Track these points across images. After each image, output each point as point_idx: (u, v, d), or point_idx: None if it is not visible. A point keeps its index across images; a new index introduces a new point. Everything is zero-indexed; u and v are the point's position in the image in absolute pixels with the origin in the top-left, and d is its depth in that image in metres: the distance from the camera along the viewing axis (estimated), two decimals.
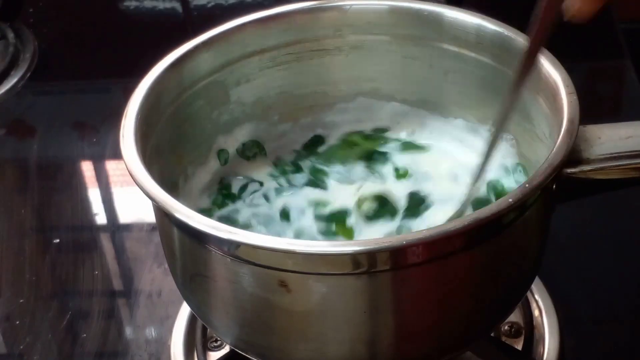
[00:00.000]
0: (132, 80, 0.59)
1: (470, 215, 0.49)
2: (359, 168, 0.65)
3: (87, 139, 0.88)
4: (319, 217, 0.62)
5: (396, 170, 0.65)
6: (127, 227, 0.79)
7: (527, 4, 1.03)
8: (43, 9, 1.06)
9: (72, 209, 0.80)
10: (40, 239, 0.79)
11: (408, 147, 0.66)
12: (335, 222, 0.61)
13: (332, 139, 0.68)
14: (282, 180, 0.65)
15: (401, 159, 0.66)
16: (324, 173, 0.65)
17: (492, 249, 0.52)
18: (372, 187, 0.63)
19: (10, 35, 1.00)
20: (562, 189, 0.55)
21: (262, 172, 0.66)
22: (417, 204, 0.62)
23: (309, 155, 0.66)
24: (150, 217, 0.58)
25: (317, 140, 0.67)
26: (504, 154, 0.64)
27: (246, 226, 0.61)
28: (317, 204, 0.63)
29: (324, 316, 0.52)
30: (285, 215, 0.62)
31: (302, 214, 0.62)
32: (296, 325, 0.53)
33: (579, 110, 0.54)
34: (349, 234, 0.60)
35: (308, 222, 0.61)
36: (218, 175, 0.65)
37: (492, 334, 0.64)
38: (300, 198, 0.63)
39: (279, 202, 0.63)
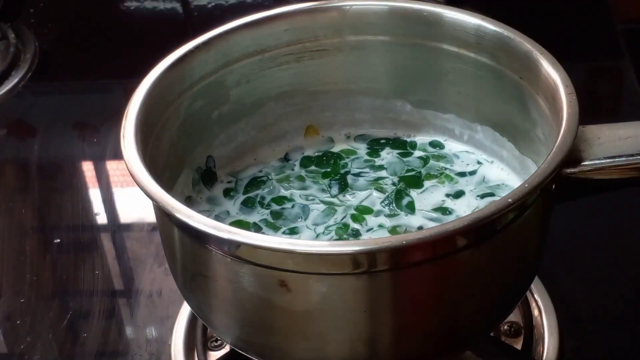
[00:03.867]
0: (132, 81, 0.60)
1: (470, 215, 0.49)
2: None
3: (88, 139, 0.89)
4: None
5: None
6: (128, 227, 0.79)
7: (527, 4, 1.04)
8: (44, 10, 1.07)
9: (72, 209, 0.80)
10: (41, 239, 0.79)
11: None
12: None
13: (333, 140, 0.68)
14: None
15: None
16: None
17: (491, 249, 0.52)
18: None
19: (11, 35, 1.00)
20: (561, 189, 0.55)
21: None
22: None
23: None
24: (150, 217, 0.59)
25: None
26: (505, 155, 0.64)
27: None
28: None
29: (324, 316, 0.52)
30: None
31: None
32: (296, 325, 0.53)
33: (578, 111, 0.54)
34: None
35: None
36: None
37: (491, 334, 0.64)
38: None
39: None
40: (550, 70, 0.57)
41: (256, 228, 0.61)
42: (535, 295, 0.67)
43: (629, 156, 0.55)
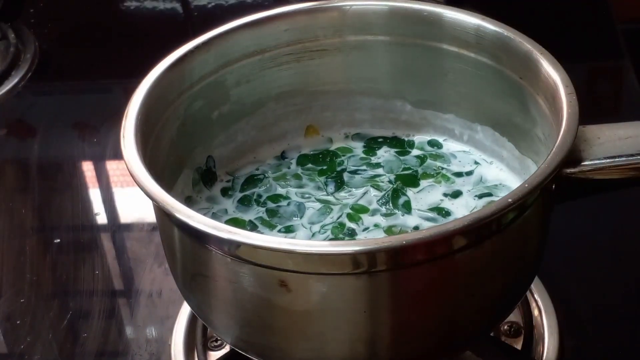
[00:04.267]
0: (132, 81, 0.60)
1: (470, 215, 0.49)
2: None
3: (88, 139, 0.89)
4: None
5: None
6: (128, 227, 0.79)
7: (527, 4, 1.04)
8: (44, 10, 1.07)
9: (72, 209, 0.80)
10: (41, 239, 0.79)
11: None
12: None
13: (333, 139, 0.68)
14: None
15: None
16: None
17: (491, 249, 0.52)
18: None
19: (11, 35, 1.00)
20: (561, 189, 0.55)
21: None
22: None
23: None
24: (150, 217, 0.58)
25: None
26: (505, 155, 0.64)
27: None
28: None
29: (324, 316, 0.52)
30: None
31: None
32: (296, 325, 0.53)
33: (578, 111, 0.54)
34: None
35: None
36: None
37: (491, 334, 0.64)
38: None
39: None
40: (550, 70, 0.57)
41: (252, 226, 0.61)
42: (535, 295, 0.67)
43: (629, 156, 0.55)
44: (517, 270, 0.56)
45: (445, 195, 0.63)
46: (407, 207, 0.61)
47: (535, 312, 0.66)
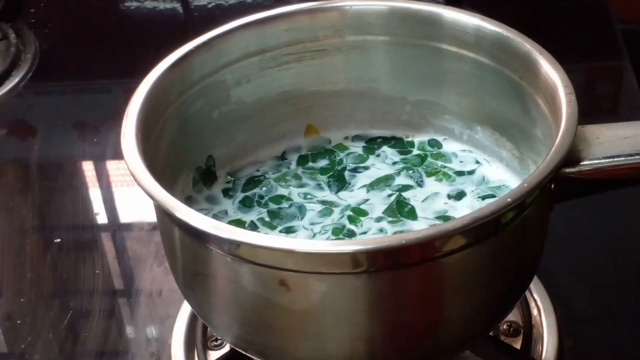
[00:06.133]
0: (133, 81, 0.60)
1: (469, 214, 0.49)
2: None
3: (88, 139, 0.89)
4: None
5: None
6: (128, 227, 0.80)
7: (526, 4, 1.04)
8: (44, 10, 1.07)
9: (73, 209, 0.81)
10: (41, 239, 0.79)
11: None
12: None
13: (332, 140, 0.68)
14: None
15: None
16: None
17: (490, 249, 0.52)
18: None
19: (12, 35, 1.00)
20: (560, 188, 0.55)
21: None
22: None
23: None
24: (150, 216, 0.58)
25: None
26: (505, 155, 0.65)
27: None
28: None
29: (324, 315, 0.52)
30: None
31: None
32: (296, 324, 0.53)
33: (577, 111, 0.54)
34: None
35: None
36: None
37: (490, 333, 0.64)
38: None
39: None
40: (550, 71, 0.57)
41: (252, 227, 0.61)
42: (535, 295, 0.67)
43: (628, 156, 0.55)
44: (516, 269, 0.56)
45: (450, 197, 0.63)
46: (412, 215, 0.61)
47: (535, 312, 0.66)
